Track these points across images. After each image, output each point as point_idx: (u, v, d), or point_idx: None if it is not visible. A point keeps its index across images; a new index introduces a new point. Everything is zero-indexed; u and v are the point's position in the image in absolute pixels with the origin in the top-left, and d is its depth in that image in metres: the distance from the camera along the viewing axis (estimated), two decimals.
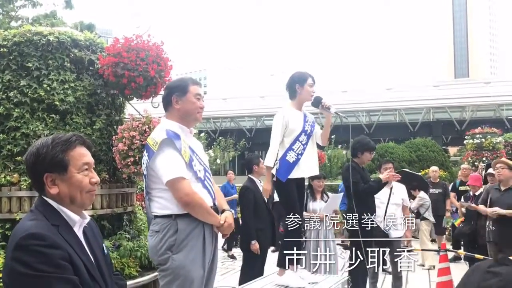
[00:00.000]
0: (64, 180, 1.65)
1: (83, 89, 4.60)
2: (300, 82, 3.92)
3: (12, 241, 1.54)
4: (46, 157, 1.63)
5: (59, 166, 1.64)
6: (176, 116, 2.78)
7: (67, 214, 1.65)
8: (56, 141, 1.66)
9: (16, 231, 1.56)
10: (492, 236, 5.41)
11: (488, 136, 13.33)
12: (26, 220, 1.61)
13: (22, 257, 1.47)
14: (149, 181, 2.72)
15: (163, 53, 4.66)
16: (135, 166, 4.28)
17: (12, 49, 4.45)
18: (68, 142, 1.67)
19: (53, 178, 1.64)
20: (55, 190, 1.64)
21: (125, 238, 4.57)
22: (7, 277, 1.53)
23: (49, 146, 1.64)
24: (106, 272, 1.73)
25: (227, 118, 36.76)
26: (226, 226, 2.73)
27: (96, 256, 1.71)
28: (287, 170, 3.80)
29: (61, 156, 1.64)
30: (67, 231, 1.62)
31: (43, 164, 1.63)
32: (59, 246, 1.52)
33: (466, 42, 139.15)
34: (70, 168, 1.66)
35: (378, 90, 34.34)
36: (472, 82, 37.41)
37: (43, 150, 1.64)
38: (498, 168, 5.52)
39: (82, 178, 1.68)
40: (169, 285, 2.60)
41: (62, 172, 1.65)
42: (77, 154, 1.69)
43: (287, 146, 3.83)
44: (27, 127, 4.36)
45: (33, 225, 1.55)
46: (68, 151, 1.66)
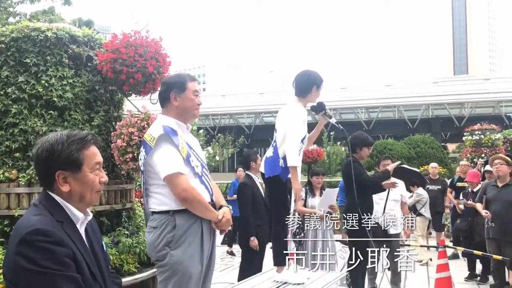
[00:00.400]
0: (76, 178, 1.64)
1: (82, 85, 4.58)
2: (318, 84, 3.82)
3: (16, 236, 1.52)
4: (61, 154, 1.61)
5: (73, 165, 1.63)
6: (173, 112, 2.78)
7: (72, 211, 1.65)
8: (72, 138, 1.64)
9: (21, 226, 1.55)
10: (491, 233, 5.42)
11: (487, 132, 13.34)
12: (31, 214, 1.59)
13: (27, 253, 1.46)
14: (146, 177, 2.71)
15: (161, 49, 4.65)
16: (133, 163, 4.27)
17: (10, 45, 4.43)
18: (83, 140, 1.66)
19: (65, 176, 1.62)
20: (66, 188, 1.62)
21: (124, 234, 4.57)
22: (10, 271, 1.52)
23: (64, 143, 1.62)
24: (105, 269, 1.73)
25: (226, 115, 36.76)
26: (224, 222, 2.73)
27: (96, 253, 1.71)
28: (287, 170, 3.77)
29: (76, 154, 1.63)
30: (71, 228, 1.61)
31: (57, 161, 1.61)
32: (64, 243, 1.52)
33: (465, 39, 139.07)
34: (84, 167, 1.65)
35: (377, 87, 34.37)
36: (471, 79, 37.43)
37: (58, 147, 1.62)
38: (496, 164, 5.53)
39: (94, 178, 1.68)
40: (167, 281, 2.60)
41: (76, 170, 1.63)
42: (91, 153, 1.68)
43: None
44: (25, 123, 4.34)
45: (39, 220, 1.54)
46: (83, 150, 1.65)
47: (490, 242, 5.48)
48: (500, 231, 5.31)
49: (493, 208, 5.46)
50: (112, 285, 1.77)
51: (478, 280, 6.57)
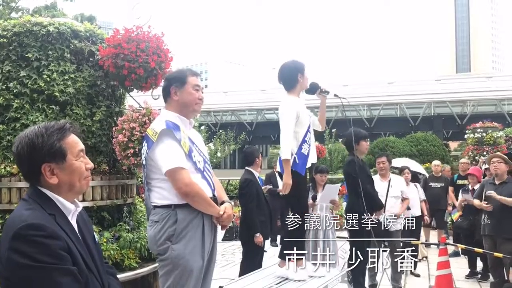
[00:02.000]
0: (63, 168, 1.62)
1: (83, 80, 4.58)
2: (301, 70, 3.83)
3: (8, 231, 1.50)
4: (43, 146, 1.59)
5: (58, 155, 1.61)
6: (175, 107, 2.78)
7: (62, 203, 1.63)
8: (51, 130, 1.62)
9: (13, 221, 1.53)
10: (487, 230, 5.43)
11: (489, 130, 13.32)
12: (22, 209, 1.57)
13: (21, 248, 1.45)
14: (148, 171, 2.72)
15: (163, 45, 4.63)
16: (135, 158, 4.27)
17: (12, 40, 4.43)
18: (63, 130, 1.64)
19: (51, 168, 1.61)
20: (54, 180, 1.61)
21: (125, 229, 4.57)
22: (4, 267, 1.50)
23: (44, 135, 1.60)
24: (98, 260, 1.73)
25: (227, 111, 36.75)
26: (226, 217, 2.73)
27: (89, 245, 1.70)
28: (304, 163, 3.76)
29: (58, 144, 1.61)
30: (63, 221, 1.60)
31: (41, 154, 1.59)
32: (58, 237, 1.51)
33: (468, 37, 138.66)
34: (68, 156, 1.63)
35: (379, 84, 34.30)
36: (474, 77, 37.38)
37: (39, 140, 1.59)
38: (494, 163, 5.55)
39: (80, 164, 1.67)
40: (168, 275, 2.60)
41: (61, 160, 1.62)
42: (72, 141, 1.66)
43: (301, 138, 3.74)
44: (26, 118, 4.34)
45: (31, 215, 1.52)
46: (64, 139, 1.63)
47: (486, 239, 5.50)
48: (496, 228, 5.32)
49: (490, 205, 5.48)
50: (106, 276, 1.77)
51: (478, 278, 6.57)
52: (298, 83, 3.82)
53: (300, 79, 3.83)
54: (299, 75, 3.82)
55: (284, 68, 3.87)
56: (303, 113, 3.79)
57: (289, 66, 3.86)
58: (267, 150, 44.56)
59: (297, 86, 3.83)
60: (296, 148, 3.73)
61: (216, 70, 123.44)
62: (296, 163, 3.70)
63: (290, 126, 3.69)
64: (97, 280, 1.65)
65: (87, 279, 1.57)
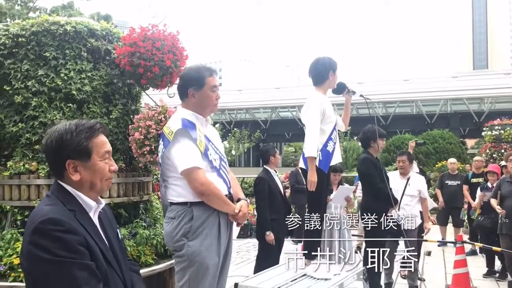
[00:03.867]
0: (86, 167, 1.65)
1: (100, 78, 4.62)
2: (333, 68, 3.83)
3: (30, 226, 1.55)
4: (70, 143, 1.62)
5: (83, 154, 1.64)
6: (192, 106, 2.79)
7: (84, 200, 1.66)
8: (80, 128, 1.66)
9: (34, 216, 1.58)
10: (505, 229, 5.36)
11: (507, 127, 13.09)
12: (43, 204, 1.62)
13: (40, 242, 1.49)
14: (164, 169, 2.74)
15: (178, 43, 4.65)
16: (151, 155, 4.30)
17: (30, 39, 4.49)
18: (92, 129, 1.67)
19: (75, 165, 1.64)
20: (77, 176, 1.64)
21: (141, 226, 4.61)
22: (25, 260, 1.55)
23: (73, 132, 1.64)
24: (121, 257, 1.75)
25: (242, 109, 36.75)
26: (241, 215, 2.74)
27: (111, 241, 1.72)
28: (328, 161, 3.75)
29: (85, 143, 1.64)
30: (83, 216, 1.63)
31: (67, 150, 1.62)
32: (76, 232, 1.53)
33: (485, 33, 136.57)
34: (94, 155, 1.66)
35: (395, 81, 33.99)
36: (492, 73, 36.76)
37: (67, 136, 1.63)
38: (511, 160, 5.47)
39: (104, 166, 1.69)
40: (184, 271, 2.62)
41: (86, 159, 1.65)
42: (100, 142, 1.69)
43: (327, 135, 3.74)
44: (45, 116, 4.40)
45: (51, 210, 1.56)
46: (92, 138, 1.66)
47: (503, 238, 5.43)
48: None
49: (507, 203, 5.40)
50: (129, 272, 1.79)
51: (496, 277, 6.48)
52: (328, 80, 3.83)
53: (330, 77, 3.83)
54: (330, 73, 3.83)
55: (317, 63, 3.87)
56: (330, 110, 3.78)
57: (323, 62, 3.86)
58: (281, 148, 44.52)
59: (326, 83, 3.84)
60: (321, 145, 3.72)
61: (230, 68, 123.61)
62: (320, 160, 3.69)
63: (316, 123, 3.68)
64: (118, 276, 1.67)
65: (107, 274, 1.59)
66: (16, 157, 4.44)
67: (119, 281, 1.67)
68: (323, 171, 3.71)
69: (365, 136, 5.00)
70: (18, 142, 4.44)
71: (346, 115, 4.05)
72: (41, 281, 1.50)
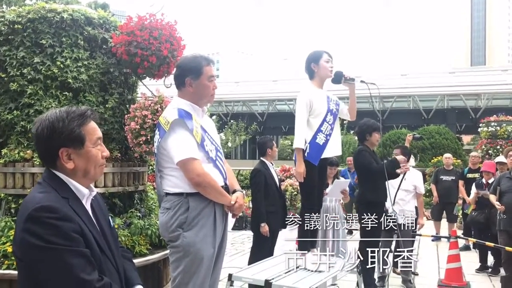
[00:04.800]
0: (80, 154, 1.64)
1: (96, 67, 4.60)
2: (314, 60, 3.87)
3: (23, 213, 1.53)
4: (63, 131, 1.61)
5: (76, 141, 1.63)
6: (189, 97, 2.77)
7: (76, 187, 1.65)
8: (72, 115, 1.64)
9: (27, 203, 1.56)
10: (503, 225, 5.37)
11: (503, 124, 13.14)
12: (36, 192, 1.59)
13: (34, 229, 1.47)
14: (160, 160, 2.72)
15: (176, 33, 4.63)
16: (147, 145, 4.29)
17: (26, 26, 4.45)
18: (84, 116, 1.66)
19: (69, 153, 1.62)
20: (71, 164, 1.63)
21: (136, 216, 4.61)
22: (18, 248, 1.53)
23: (65, 120, 1.62)
24: (113, 244, 1.74)
25: (239, 101, 36.67)
26: (237, 207, 2.74)
27: (103, 229, 1.72)
28: (317, 153, 3.75)
29: (78, 130, 1.63)
30: (77, 204, 1.62)
31: (60, 138, 1.61)
32: (70, 219, 1.52)
33: (483, 29, 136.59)
34: (87, 143, 1.65)
35: (392, 76, 33.98)
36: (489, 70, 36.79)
37: (59, 124, 1.61)
38: (511, 156, 5.46)
39: (97, 152, 1.68)
40: (179, 262, 2.62)
41: (79, 146, 1.63)
42: (91, 128, 1.68)
43: (316, 127, 3.75)
44: (40, 104, 4.38)
45: (44, 197, 1.55)
46: (84, 125, 1.65)
47: (501, 234, 5.43)
48: None
49: (506, 199, 5.40)
50: (121, 260, 1.78)
51: (489, 272, 6.52)
52: (314, 72, 3.87)
53: (314, 69, 3.86)
54: (312, 65, 3.87)
55: (305, 59, 3.95)
56: (317, 102, 3.78)
57: (307, 57, 3.93)
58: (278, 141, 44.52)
59: (315, 75, 3.87)
60: (310, 138, 3.73)
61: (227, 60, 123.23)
62: (308, 152, 3.71)
63: (302, 115, 3.74)
64: (111, 263, 1.66)
65: (101, 262, 1.59)
66: (11, 145, 4.42)
67: (113, 268, 1.66)
68: (312, 163, 3.72)
69: (361, 129, 4.99)
70: (13, 130, 4.43)
71: (351, 105, 4.03)
72: (35, 268, 1.49)
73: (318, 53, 3.91)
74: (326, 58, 3.85)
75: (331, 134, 3.82)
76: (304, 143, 3.73)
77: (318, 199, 3.94)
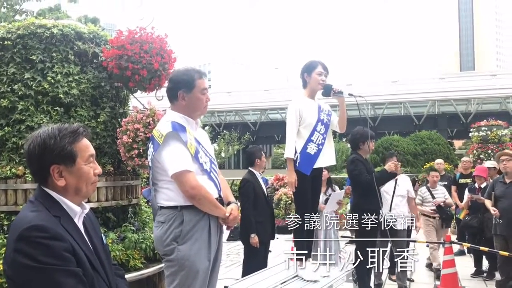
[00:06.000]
0: (71, 172, 1.63)
1: (87, 81, 4.60)
2: (308, 71, 3.91)
3: (14, 233, 1.52)
4: (54, 148, 1.60)
5: (68, 158, 1.62)
6: (181, 109, 2.78)
7: (68, 205, 1.64)
8: (63, 132, 1.63)
9: (18, 222, 1.54)
10: (499, 229, 5.38)
11: (494, 128, 13.22)
12: (27, 211, 1.58)
13: (25, 249, 1.46)
14: (154, 173, 2.72)
15: (166, 46, 4.64)
16: (139, 159, 4.28)
17: (16, 42, 4.45)
18: (76, 133, 1.65)
19: (60, 170, 1.61)
20: (62, 182, 1.62)
21: (130, 230, 4.58)
22: (10, 268, 1.51)
23: (57, 137, 1.61)
24: (106, 262, 1.73)
25: (231, 111, 36.76)
26: (232, 219, 2.74)
27: (96, 246, 1.70)
28: (309, 163, 3.77)
29: (69, 147, 1.62)
30: (68, 222, 1.61)
31: (51, 155, 1.60)
32: (62, 238, 1.51)
33: (472, 35, 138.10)
34: (78, 160, 1.64)
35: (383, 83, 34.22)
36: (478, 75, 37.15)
37: (51, 141, 1.60)
38: (503, 161, 5.48)
39: (89, 170, 1.67)
40: (174, 276, 2.61)
41: (71, 164, 1.62)
42: (83, 146, 1.67)
43: (306, 137, 3.78)
44: (31, 120, 4.36)
45: (35, 216, 1.53)
46: (76, 143, 1.64)
47: (497, 238, 5.45)
48: (508, 228, 5.27)
49: (501, 204, 5.42)
50: (114, 277, 1.77)
51: (484, 277, 6.54)
52: (306, 83, 3.91)
53: (306, 79, 3.90)
54: (305, 75, 3.92)
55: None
56: (307, 112, 3.81)
57: (303, 66, 3.99)
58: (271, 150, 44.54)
59: (307, 86, 3.92)
60: (301, 148, 3.75)
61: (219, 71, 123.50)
62: (298, 162, 3.73)
63: (291, 125, 3.79)
64: (104, 282, 1.65)
65: (93, 280, 1.58)
66: (3, 161, 4.39)
67: (105, 286, 1.65)
68: (303, 173, 3.73)
69: (354, 137, 5.02)
70: (5, 146, 4.40)
71: (340, 117, 4.06)
72: None
73: (313, 64, 3.94)
74: (319, 71, 3.88)
75: (324, 144, 3.83)
76: (294, 153, 3.76)
77: (312, 208, 3.93)
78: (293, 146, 3.76)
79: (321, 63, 3.94)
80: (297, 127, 3.81)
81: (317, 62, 3.94)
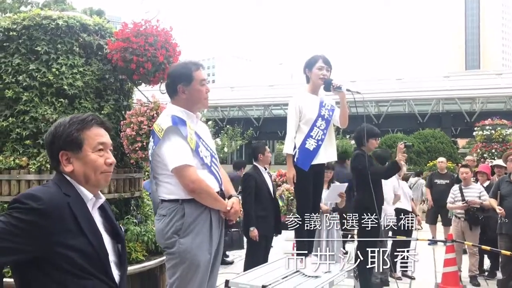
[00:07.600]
0: (78, 158, 1.66)
1: (92, 74, 4.60)
2: (309, 66, 3.90)
3: None
4: (62, 135, 1.66)
5: (73, 144, 1.66)
6: (182, 102, 2.78)
7: (81, 190, 1.66)
8: (73, 120, 1.69)
9: None
10: (505, 229, 5.37)
11: (498, 128, 13.19)
12: (38, 187, 1.66)
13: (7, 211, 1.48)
14: (155, 167, 2.72)
15: (171, 39, 4.63)
16: (142, 152, 4.29)
17: (21, 33, 4.44)
18: (84, 121, 1.69)
19: (68, 156, 1.66)
20: (69, 168, 1.65)
21: (132, 222, 4.59)
22: None
23: (66, 124, 1.67)
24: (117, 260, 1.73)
25: (235, 106, 36.76)
26: (233, 212, 2.74)
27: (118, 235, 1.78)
28: (307, 159, 3.76)
29: (76, 134, 1.66)
30: (79, 206, 1.60)
31: (59, 141, 1.66)
32: (47, 216, 1.47)
33: (478, 34, 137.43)
34: (85, 147, 1.67)
35: (387, 81, 34.14)
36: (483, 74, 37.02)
37: (60, 129, 1.67)
38: (511, 160, 5.48)
39: (96, 158, 1.68)
40: (175, 269, 2.62)
41: (77, 150, 1.66)
42: (93, 133, 1.70)
43: (306, 133, 3.77)
44: (36, 111, 4.36)
45: (40, 189, 1.57)
46: (84, 130, 1.68)
47: (502, 237, 5.43)
48: None
49: (507, 204, 5.41)
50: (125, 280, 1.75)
51: (485, 276, 6.54)
52: (308, 78, 3.90)
53: (308, 74, 3.89)
54: (306, 71, 3.91)
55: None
56: (307, 107, 3.80)
57: (305, 61, 3.97)
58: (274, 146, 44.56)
59: (310, 81, 3.91)
60: (299, 143, 3.75)
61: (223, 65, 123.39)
62: (297, 157, 3.72)
63: (291, 120, 3.80)
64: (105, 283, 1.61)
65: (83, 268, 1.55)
66: (6, 152, 4.40)
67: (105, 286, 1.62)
68: (301, 169, 3.73)
69: (359, 134, 5.01)
70: (9, 137, 4.41)
71: (341, 112, 4.02)
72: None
73: (314, 59, 3.93)
74: (319, 65, 3.85)
75: (324, 140, 3.82)
76: (293, 148, 3.76)
77: (313, 205, 3.93)
78: (292, 141, 3.77)
79: (322, 57, 3.91)
80: (297, 122, 3.81)
81: (318, 57, 3.92)
